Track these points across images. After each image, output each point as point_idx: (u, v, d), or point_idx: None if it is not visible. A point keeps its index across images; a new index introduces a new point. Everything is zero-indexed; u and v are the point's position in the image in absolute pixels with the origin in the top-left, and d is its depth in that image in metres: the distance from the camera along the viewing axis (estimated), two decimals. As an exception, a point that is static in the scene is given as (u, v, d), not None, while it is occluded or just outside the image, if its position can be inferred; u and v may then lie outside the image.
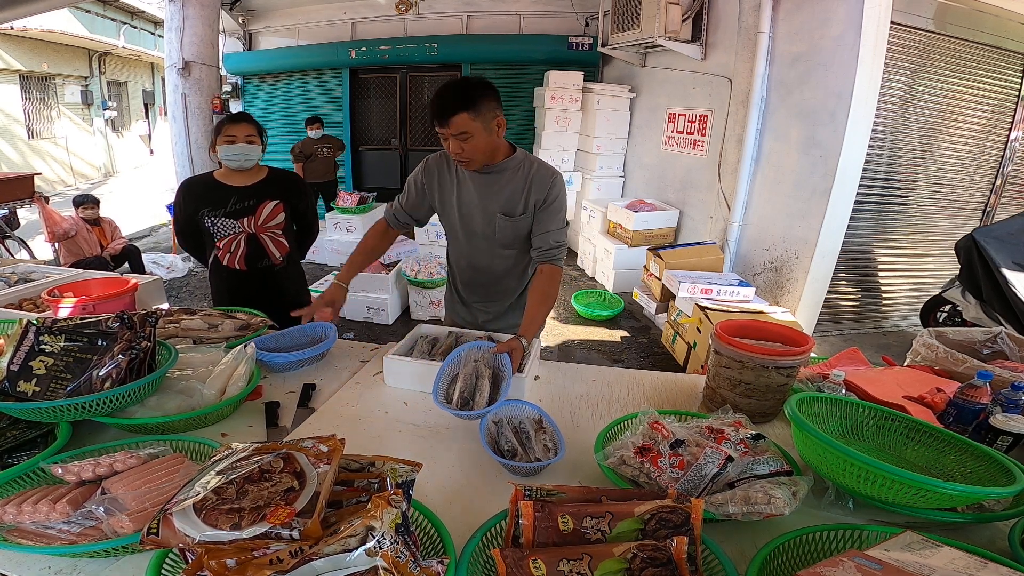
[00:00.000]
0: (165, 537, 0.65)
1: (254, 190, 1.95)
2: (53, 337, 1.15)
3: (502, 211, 1.59)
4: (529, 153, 1.63)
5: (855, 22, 3.04)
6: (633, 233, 4.72)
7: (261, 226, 1.96)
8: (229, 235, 1.94)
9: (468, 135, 1.40)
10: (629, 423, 1.17)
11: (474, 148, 1.43)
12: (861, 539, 0.83)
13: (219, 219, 1.91)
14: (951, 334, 1.56)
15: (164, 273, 5.08)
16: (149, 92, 13.59)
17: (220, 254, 1.97)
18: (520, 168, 1.57)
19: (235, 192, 1.93)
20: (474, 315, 1.83)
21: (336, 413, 1.31)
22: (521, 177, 1.57)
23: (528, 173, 1.57)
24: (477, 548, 0.81)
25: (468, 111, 1.38)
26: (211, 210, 1.91)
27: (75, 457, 0.98)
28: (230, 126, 1.88)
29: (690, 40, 4.33)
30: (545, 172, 1.57)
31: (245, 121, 1.90)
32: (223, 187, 1.93)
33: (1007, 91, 3.91)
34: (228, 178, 1.94)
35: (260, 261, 2.00)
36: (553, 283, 1.56)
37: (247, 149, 1.87)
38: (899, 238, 4.02)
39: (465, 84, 1.40)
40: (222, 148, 1.87)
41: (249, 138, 1.88)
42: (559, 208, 1.58)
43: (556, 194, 1.56)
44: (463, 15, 6.58)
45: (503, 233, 1.62)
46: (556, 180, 1.57)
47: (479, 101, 1.39)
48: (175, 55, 4.72)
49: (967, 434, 1.14)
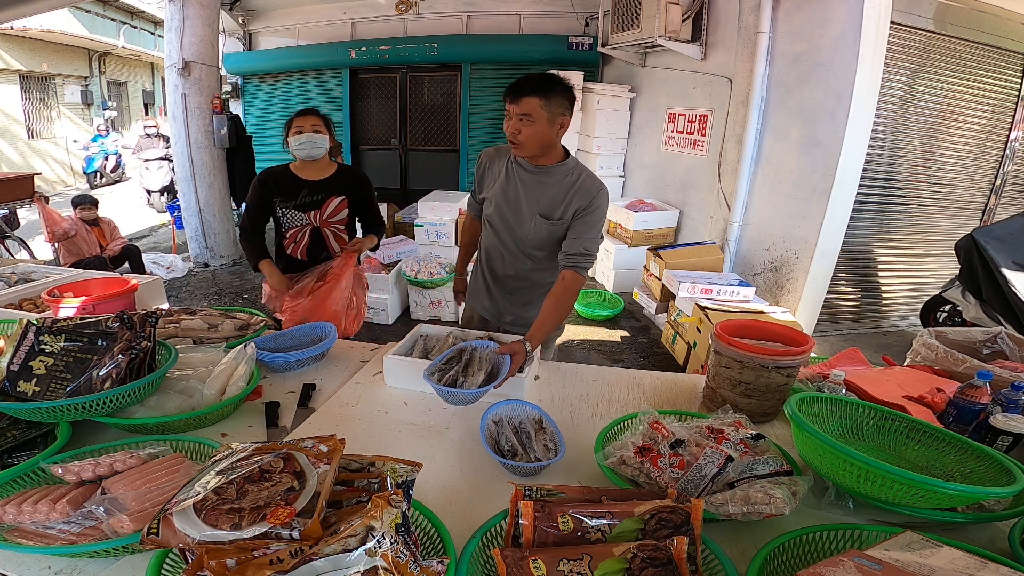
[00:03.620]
0: (165, 537, 0.65)
1: (323, 185, 2.07)
2: (53, 337, 1.15)
3: (541, 212, 1.61)
4: (581, 163, 1.64)
5: (855, 22, 3.04)
6: (633, 233, 4.72)
7: (325, 220, 2.09)
8: (296, 226, 2.08)
9: (531, 119, 1.48)
10: (629, 423, 1.17)
11: (532, 133, 1.49)
12: (861, 539, 0.83)
13: (289, 210, 2.04)
14: (951, 334, 1.56)
15: (164, 273, 5.08)
16: (149, 92, 13.59)
17: (286, 243, 2.11)
18: (568, 175, 1.60)
19: (306, 185, 2.05)
20: (496, 306, 1.83)
21: (336, 413, 1.31)
22: (567, 184, 1.59)
23: (575, 181, 1.59)
24: (477, 548, 0.81)
25: (540, 97, 1.46)
26: (283, 200, 2.04)
27: (75, 457, 0.98)
28: (297, 119, 2.01)
29: (690, 40, 4.32)
30: (591, 183, 1.59)
31: (311, 113, 2.03)
32: (297, 179, 2.05)
33: (1007, 91, 3.91)
34: (301, 171, 2.06)
35: (320, 254, 2.13)
36: (570, 293, 1.57)
37: (314, 138, 1.98)
38: (899, 238, 4.01)
39: (547, 76, 1.50)
40: (292, 139, 1.99)
41: (315, 128, 1.99)
42: (597, 219, 1.59)
43: (597, 205, 1.57)
44: (463, 15, 6.57)
45: (537, 234, 1.63)
46: (601, 192, 1.58)
47: (552, 94, 1.48)
48: (175, 55, 4.72)
49: (967, 434, 1.14)
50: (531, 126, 1.48)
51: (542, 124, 1.48)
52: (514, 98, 1.48)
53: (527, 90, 1.46)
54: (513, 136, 1.51)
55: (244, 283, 5.00)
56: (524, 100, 1.46)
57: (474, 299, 1.91)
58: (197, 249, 5.39)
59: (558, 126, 1.51)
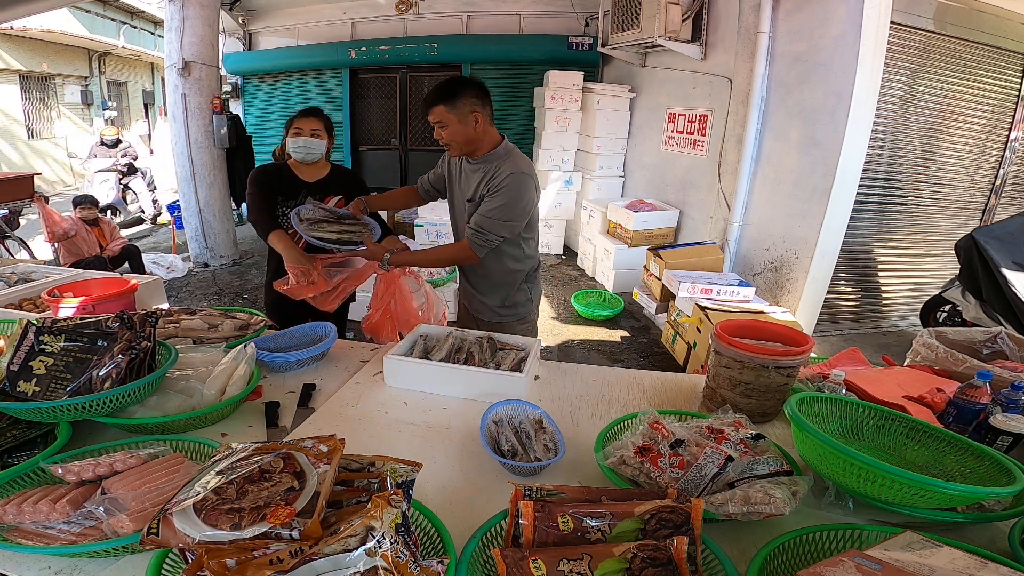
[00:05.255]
0: (165, 537, 0.65)
1: (321, 185, 2.04)
2: (53, 337, 1.15)
3: (468, 198, 1.73)
4: (515, 151, 1.70)
5: (855, 22, 3.04)
6: (633, 233, 4.72)
7: None
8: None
9: (444, 124, 1.60)
10: (629, 423, 1.17)
11: (450, 135, 1.61)
12: (861, 539, 0.83)
13: (290, 210, 1.98)
14: (951, 334, 1.56)
15: (164, 273, 5.08)
16: (149, 92, 13.59)
17: None
18: (495, 159, 1.67)
19: (305, 186, 2.02)
20: (471, 302, 1.93)
21: (336, 413, 1.31)
22: (489, 168, 1.66)
23: (495, 165, 1.65)
24: (477, 548, 0.81)
25: (444, 103, 1.57)
26: (284, 200, 2.00)
27: (75, 457, 0.98)
28: (299, 119, 1.97)
29: (690, 40, 4.32)
30: (506, 166, 1.63)
31: (313, 116, 1.98)
32: (296, 179, 2.02)
33: (1007, 91, 3.91)
34: (299, 171, 2.03)
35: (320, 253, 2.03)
36: (451, 253, 1.76)
37: (311, 143, 1.95)
38: (899, 238, 4.01)
39: (448, 81, 1.60)
40: (289, 140, 1.96)
41: (314, 132, 1.96)
42: (500, 201, 1.61)
43: (500, 185, 1.61)
44: (463, 15, 6.57)
45: (466, 219, 1.71)
46: (510, 177, 1.60)
47: (455, 97, 1.57)
48: (175, 55, 4.72)
49: (967, 434, 1.14)
50: (447, 129, 1.60)
51: (455, 126, 1.59)
52: (425, 110, 1.62)
53: (431, 101, 1.59)
54: (440, 140, 1.64)
55: (244, 283, 5.00)
56: (432, 110, 1.59)
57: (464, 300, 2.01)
58: (197, 249, 5.39)
59: (472, 121, 1.60)
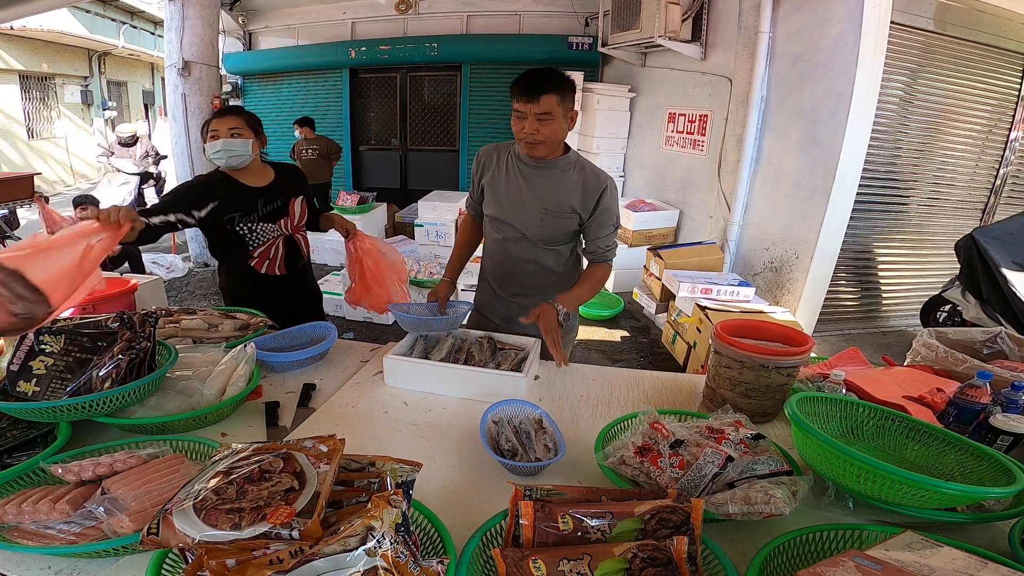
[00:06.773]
0: (165, 537, 0.64)
1: (276, 189, 1.78)
2: (53, 337, 1.15)
3: (545, 206, 1.57)
4: (581, 155, 1.62)
5: (855, 22, 3.04)
6: (633, 233, 4.72)
7: (296, 226, 1.85)
8: (267, 240, 1.78)
9: (551, 118, 1.41)
10: (629, 423, 1.17)
11: (551, 132, 1.44)
12: (861, 539, 0.83)
13: (255, 224, 1.73)
14: (951, 334, 1.56)
15: (164, 273, 5.08)
16: (149, 92, 13.58)
17: (257, 263, 1.79)
18: (571, 168, 1.57)
19: (259, 193, 1.75)
20: (509, 309, 1.77)
21: (336, 413, 1.31)
22: (571, 178, 1.56)
23: (580, 176, 1.56)
24: (477, 548, 0.81)
25: (557, 94, 1.40)
26: (242, 215, 1.71)
27: (75, 457, 0.98)
28: (213, 121, 1.68)
29: (690, 40, 4.33)
30: (596, 180, 1.55)
31: (229, 114, 1.70)
32: (244, 187, 1.73)
33: (1007, 91, 3.91)
34: (244, 178, 1.74)
35: (297, 262, 1.90)
36: (604, 275, 1.66)
37: (231, 144, 1.65)
38: (899, 238, 4.01)
39: (558, 71, 1.43)
40: (207, 146, 1.67)
41: (233, 131, 1.66)
42: (607, 218, 1.58)
43: (605, 205, 1.56)
44: (463, 15, 6.57)
45: (544, 229, 1.60)
46: (606, 191, 1.55)
47: (566, 89, 1.42)
48: (175, 55, 4.72)
49: (967, 434, 1.14)
50: (550, 125, 1.42)
51: (559, 122, 1.43)
52: (532, 97, 1.39)
53: (547, 87, 1.38)
54: (531, 136, 1.43)
55: (244, 283, 5.00)
56: (544, 98, 1.38)
57: (484, 307, 1.86)
58: (197, 249, 5.39)
59: (569, 120, 1.48)
